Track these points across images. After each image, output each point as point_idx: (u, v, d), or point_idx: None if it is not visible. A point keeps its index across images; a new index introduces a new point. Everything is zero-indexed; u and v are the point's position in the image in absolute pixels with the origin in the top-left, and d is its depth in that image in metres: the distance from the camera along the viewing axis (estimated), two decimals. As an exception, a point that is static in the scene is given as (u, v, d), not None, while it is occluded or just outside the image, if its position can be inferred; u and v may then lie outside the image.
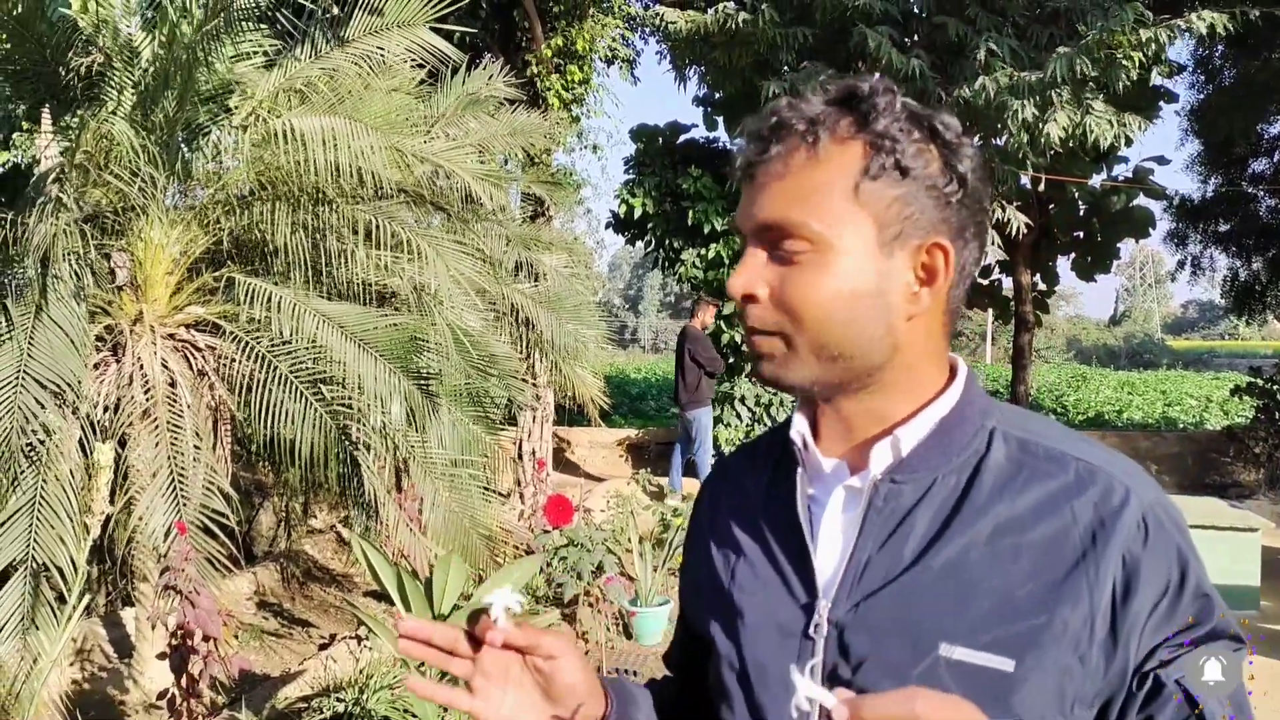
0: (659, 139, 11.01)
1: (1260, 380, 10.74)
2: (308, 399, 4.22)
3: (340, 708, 3.72)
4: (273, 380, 4.17)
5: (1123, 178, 12.30)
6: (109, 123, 4.02)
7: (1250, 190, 13.69)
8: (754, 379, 0.96)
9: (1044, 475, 0.85)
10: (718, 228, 9.95)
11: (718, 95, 11.13)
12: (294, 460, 4.18)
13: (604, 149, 11.40)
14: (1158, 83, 10.65)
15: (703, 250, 10.12)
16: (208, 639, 3.29)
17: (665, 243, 10.41)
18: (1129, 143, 9.04)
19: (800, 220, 0.84)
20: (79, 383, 3.80)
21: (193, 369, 4.25)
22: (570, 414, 10.48)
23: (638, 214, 10.30)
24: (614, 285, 69.98)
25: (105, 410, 4.02)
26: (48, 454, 3.73)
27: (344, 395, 4.27)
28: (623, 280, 73.50)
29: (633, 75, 11.37)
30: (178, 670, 3.31)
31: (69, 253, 3.80)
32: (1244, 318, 16.15)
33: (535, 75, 8.95)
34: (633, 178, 10.66)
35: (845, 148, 0.84)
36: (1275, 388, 10.48)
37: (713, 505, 1.05)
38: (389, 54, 4.82)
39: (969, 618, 0.81)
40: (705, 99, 11.56)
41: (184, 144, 4.46)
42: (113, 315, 4.20)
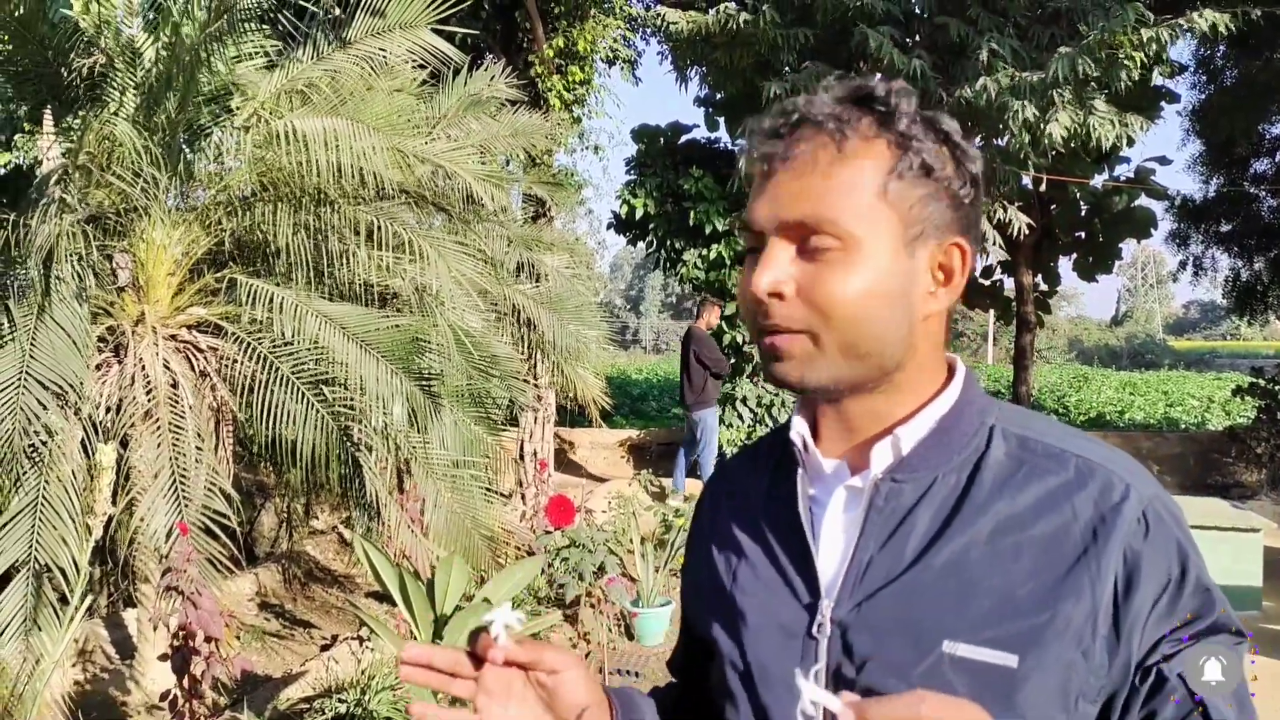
0: (660, 139, 11.01)
1: (1262, 381, 10.73)
2: (309, 400, 4.22)
3: (342, 709, 3.72)
4: (274, 381, 4.18)
5: (1124, 178, 12.30)
6: (111, 124, 4.02)
7: (1252, 190, 13.68)
8: (767, 380, 0.91)
9: (1044, 472, 0.85)
10: (719, 228, 9.94)
11: (719, 96, 11.13)
12: (296, 461, 4.18)
13: (605, 150, 11.43)
14: (1159, 83, 10.66)
15: (704, 251, 10.11)
16: (209, 640, 3.29)
17: (667, 243, 10.41)
18: (1131, 143, 9.04)
19: (833, 217, 0.83)
20: (81, 384, 3.81)
21: (194, 370, 4.25)
22: (572, 415, 10.49)
23: (639, 215, 10.30)
24: (615, 286, 70.00)
25: (107, 411, 4.03)
26: (50, 455, 3.74)
27: (346, 396, 4.27)
28: (624, 281, 73.53)
29: (634, 76, 11.37)
30: (179, 671, 3.31)
31: (71, 254, 3.80)
32: (1246, 318, 16.13)
33: (537, 76, 8.96)
34: (634, 178, 10.65)
35: (871, 146, 0.85)
36: (1277, 388, 10.48)
37: (713, 507, 1.05)
38: (391, 55, 4.82)
39: (972, 615, 0.81)
40: (706, 100, 11.56)
41: (186, 145, 4.46)
42: (115, 316, 4.20)
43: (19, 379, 3.69)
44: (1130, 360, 43.40)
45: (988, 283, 13.02)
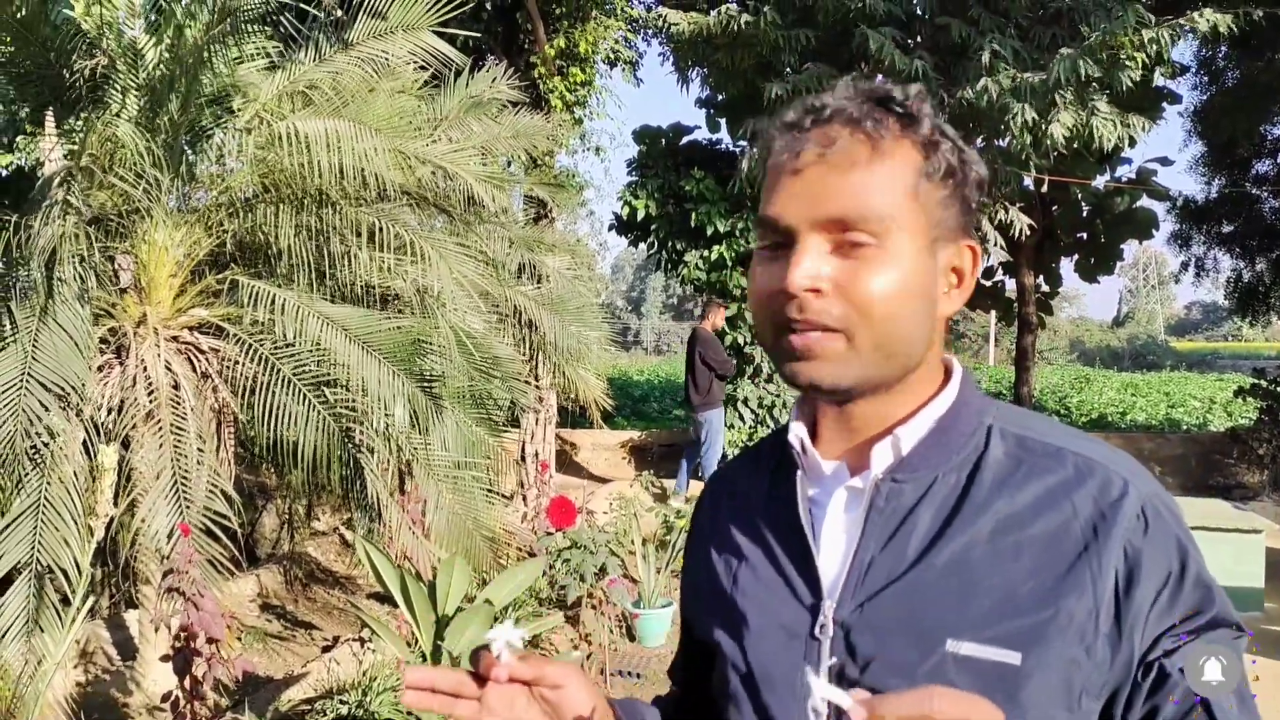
0: (662, 140, 11.01)
1: (1264, 382, 10.73)
2: (311, 401, 4.22)
3: (343, 710, 3.72)
4: (276, 382, 4.18)
5: (1126, 179, 12.29)
6: (113, 125, 4.03)
7: (1254, 191, 13.68)
8: (788, 382, 0.87)
9: (1043, 470, 0.86)
10: (720, 229, 9.94)
11: (720, 97, 11.12)
12: (297, 462, 4.18)
13: (607, 151, 11.43)
14: (1161, 83, 10.65)
15: (705, 252, 10.11)
16: (211, 641, 3.29)
17: (668, 245, 10.41)
18: (1132, 144, 9.03)
19: (873, 213, 0.82)
20: (83, 385, 3.81)
21: (196, 371, 4.25)
22: (573, 416, 10.50)
23: (640, 216, 10.30)
24: (617, 287, 70.02)
25: (109, 413, 4.03)
26: (52, 457, 3.74)
27: (347, 398, 4.27)
28: (625, 282, 73.54)
29: (635, 77, 11.38)
30: (181, 672, 3.31)
31: (73, 255, 3.81)
32: (1248, 319, 16.13)
33: (538, 77, 8.97)
34: (635, 179, 10.65)
35: (900, 146, 0.85)
36: (1278, 389, 10.46)
37: (713, 509, 1.05)
38: (392, 57, 4.83)
39: (974, 613, 0.82)
40: (708, 101, 11.56)
41: (188, 146, 4.46)
42: (116, 318, 4.21)
43: (21, 380, 3.70)
44: (1132, 361, 43.39)
45: (989, 284, 13.01)
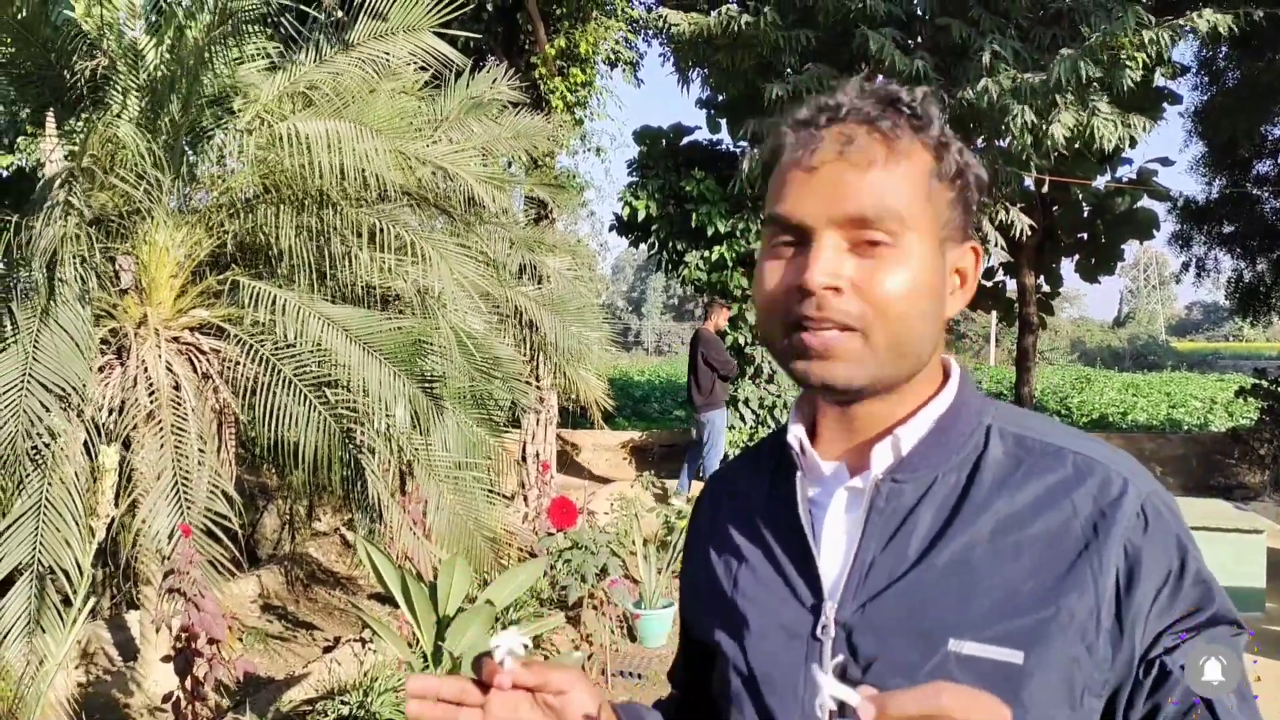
0: (662, 141, 11.01)
1: (1265, 382, 10.72)
2: (311, 402, 4.22)
3: (345, 710, 3.72)
4: (277, 383, 4.18)
5: (1127, 179, 12.28)
6: (115, 126, 4.03)
7: (1254, 192, 13.68)
8: (798, 381, 0.87)
9: (1042, 469, 0.86)
10: (721, 230, 9.94)
11: (721, 98, 11.12)
12: (298, 463, 4.18)
13: (607, 151, 11.44)
14: (1161, 84, 10.65)
15: (706, 253, 10.11)
16: (212, 642, 3.30)
17: (669, 245, 10.41)
18: (1133, 144, 9.03)
19: (891, 212, 0.83)
20: (84, 386, 3.81)
21: (197, 372, 4.25)
22: (574, 416, 10.49)
23: (641, 216, 10.30)
24: (617, 288, 70.00)
25: (110, 413, 4.03)
26: (53, 457, 3.74)
27: (348, 398, 4.27)
28: (626, 283, 73.54)
29: (636, 78, 11.39)
30: (182, 673, 3.31)
31: (74, 256, 3.81)
32: (1249, 319, 16.13)
33: (539, 78, 8.97)
34: (636, 180, 10.65)
35: (914, 147, 0.85)
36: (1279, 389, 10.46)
37: (713, 511, 1.05)
38: (393, 58, 4.83)
39: (976, 612, 0.82)
40: (708, 101, 11.55)
41: (189, 147, 4.47)
42: (117, 318, 4.21)
43: (22, 381, 3.70)
44: (1133, 362, 43.38)
45: (990, 284, 13.00)
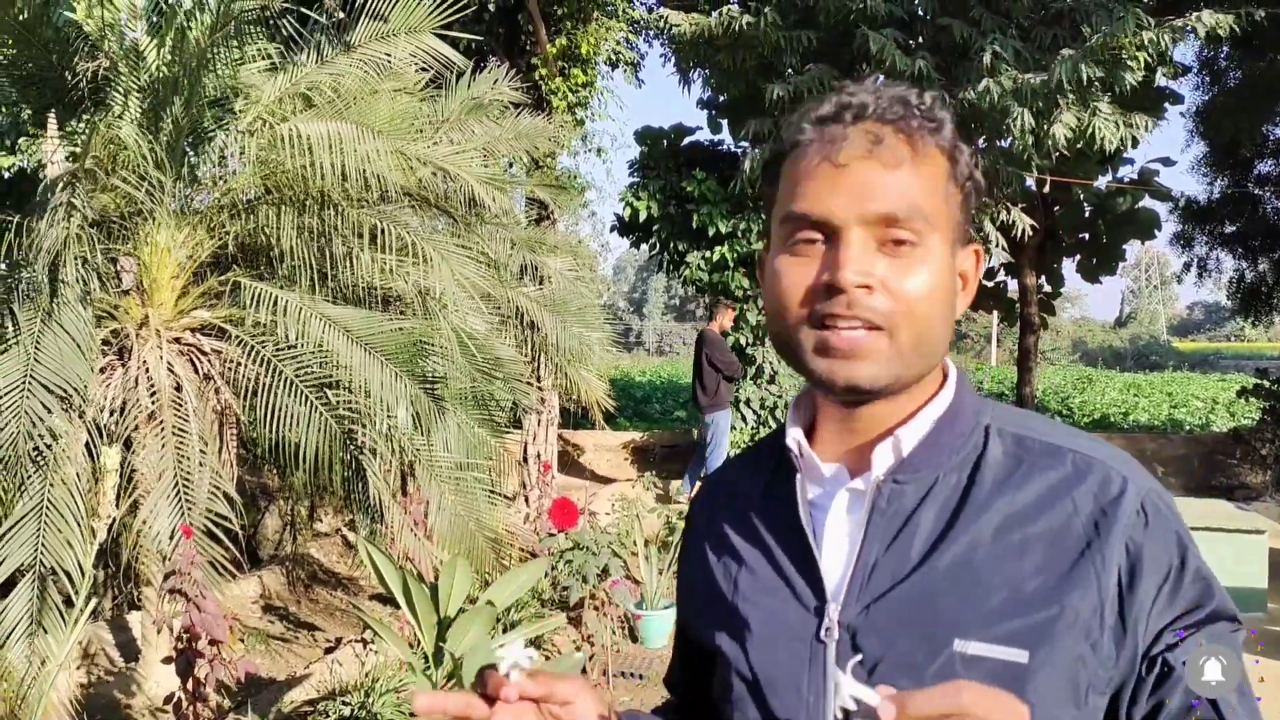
0: (664, 141, 11.00)
1: (1267, 382, 10.71)
2: (313, 403, 4.22)
3: (346, 711, 3.72)
4: (278, 384, 4.18)
5: (1128, 179, 12.27)
6: (116, 127, 4.03)
7: (1256, 192, 13.67)
8: (815, 382, 0.86)
9: (1043, 468, 0.87)
10: (722, 230, 9.94)
11: (722, 98, 11.12)
12: (299, 464, 4.18)
13: (608, 152, 11.43)
14: (1163, 84, 10.64)
15: (707, 253, 10.11)
16: (213, 643, 3.30)
17: (670, 245, 10.41)
18: (1135, 144, 9.02)
19: (919, 212, 0.83)
20: (85, 387, 3.81)
21: (198, 373, 4.25)
22: (575, 417, 10.49)
23: (642, 217, 10.30)
24: (619, 288, 69.99)
25: (111, 414, 4.03)
26: (54, 459, 3.74)
27: (349, 399, 4.27)
28: (627, 283, 73.52)
29: (637, 78, 11.40)
30: (183, 674, 3.31)
31: (76, 257, 3.81)
32: (1250, 319, 16.12)
33: (540, 79, 8.97)
34: (637, 180, 10.65)
35: (932, 149, 0.86)
36: (1282, 389, 10.44)
37: (710, 514, 1.04)
38: (394, 60, 4.83)
39: (981, 612, 0.82)
40: (709, 102, 11.55)
41: (190, 148, 4.47)
42: (119, 319, 4.21)
43: (24, 382, 3.70)
44: (1134, 362, 43.37)
45: (991, 284, 12.99)
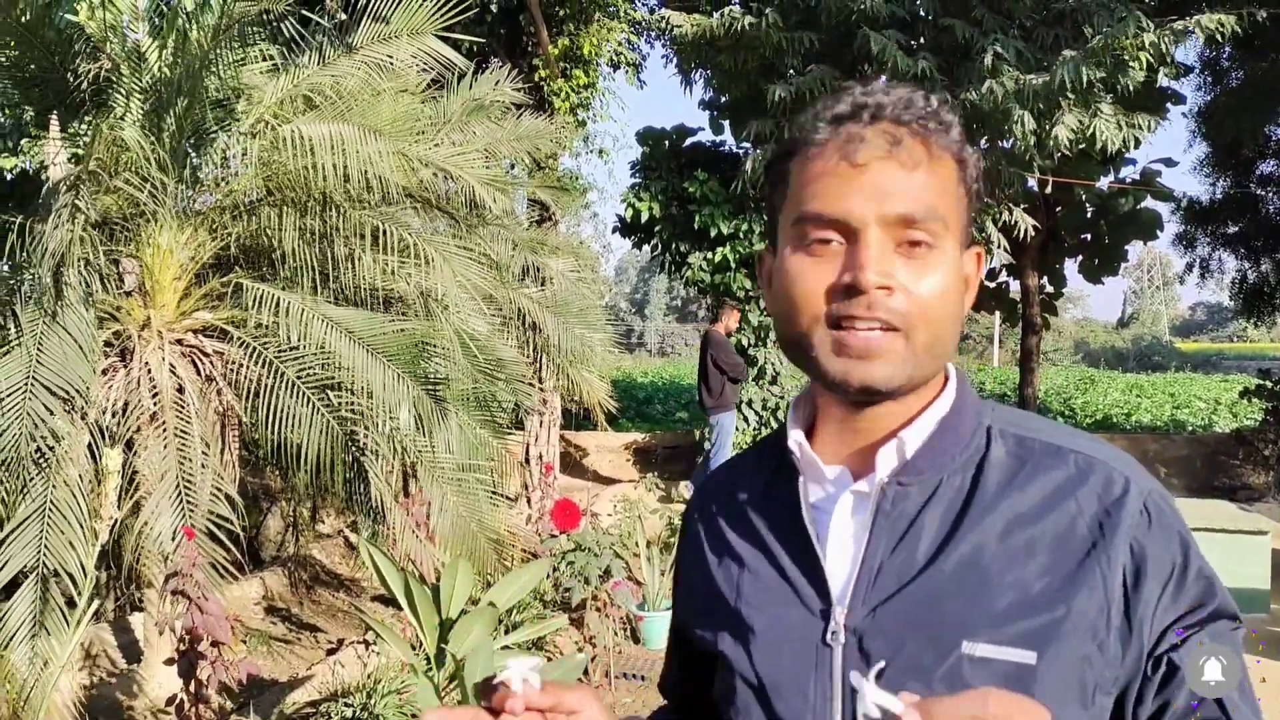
0: (665, 142, 11.00)
1: (1269, 383, 10.69)
2: (314, 404, 4.22)
3: (348, 713, 3.72)
4: (280, 385, 4.18)
5: (1130, 180, 12.26)
6: (119, 129, 4.03)
7: (1258, 192, 13.65)
8: (828, 384, 0.86)
9: (1045, 469, 0.87)
10: (724, 231, 9.94)
11: (724, 99, 11.11)
12: (301, 465, 4.18)
13: (610, 153, 11.42)
14: (1165, 84, 10.63)
15: (709, 254, 10.11)
16: (215, 644, 3.30)
17: (672, 246, 10.40)
18: (1137, 144, 9.02)
19: (936, 214, 0.83)
20: (87, 388, 3.81)
21: (200, 374, 4.25)
22: (577, 418, 10.49)
23: (644, 218, 10.30)
24: (620, 289, 69.99)
25: (113, 416, 4.03)
26: (57, 460, 3.74)
27: (351, 400, 4.27)
28: (629, 284, 73.52)
29: (639, 79, 11.38)
30: (185, 675, 3.31)
31: (79, 259, 3.81)
32: (1253, 320, 16.08)
33: (541, 80, 8.97)
34: (639, 181, 10.65)
35: (944, 152, 0.86)
36: (1284, 390, 10.43)
37: (709, 516, 1.03)
38: (396, 61, 4.83)
39: (988, 614, 0.82)
40: (711, 103, 11.55)
41: (192, 150, 4.47)
42: (121, 321, 4.21)
43: (26, 384, 3.70)
44: (1137, 362, 43.31)
45: (993, 285, 12.99)
